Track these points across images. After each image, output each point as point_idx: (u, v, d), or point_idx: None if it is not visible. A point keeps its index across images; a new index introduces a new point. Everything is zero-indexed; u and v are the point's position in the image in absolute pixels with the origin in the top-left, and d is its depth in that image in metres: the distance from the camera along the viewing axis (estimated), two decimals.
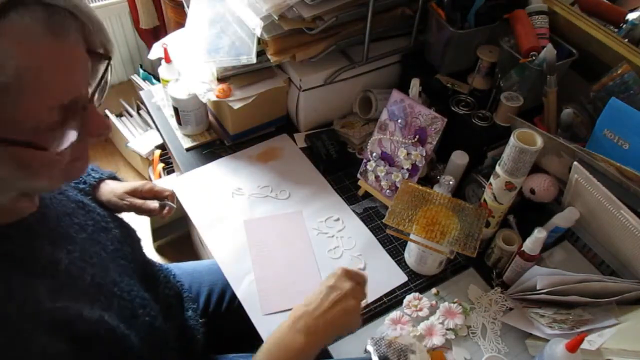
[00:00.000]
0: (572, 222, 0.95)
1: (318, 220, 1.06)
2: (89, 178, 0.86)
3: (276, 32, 1.04)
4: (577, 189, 0.92)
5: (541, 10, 1.06)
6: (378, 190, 1.08)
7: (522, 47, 1.01)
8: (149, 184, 0.92)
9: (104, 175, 0.90)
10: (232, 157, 1.18)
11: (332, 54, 1.15)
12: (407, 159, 1.02)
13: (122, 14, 2.10)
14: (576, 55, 1.03)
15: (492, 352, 0.87)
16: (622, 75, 0.95)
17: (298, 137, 1.23)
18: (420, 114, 0.99)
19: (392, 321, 0.90)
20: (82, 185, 0.83)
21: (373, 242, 1.03)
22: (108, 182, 0.89)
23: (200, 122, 1.20)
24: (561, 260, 1.00)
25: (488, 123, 1.04)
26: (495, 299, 0.94)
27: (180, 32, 1.25)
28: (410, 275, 0.98)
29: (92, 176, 0.87)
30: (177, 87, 1.14)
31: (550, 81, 0.98)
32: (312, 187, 1.13)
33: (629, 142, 0.90)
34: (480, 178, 1.02)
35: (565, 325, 0.83)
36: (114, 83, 2.28)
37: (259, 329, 0.88)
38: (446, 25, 1.07)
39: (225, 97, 1.10)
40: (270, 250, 1.00)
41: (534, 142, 0.83)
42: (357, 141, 1.20)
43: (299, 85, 1.14)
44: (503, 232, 0.96)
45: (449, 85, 1.14)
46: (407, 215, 0.91)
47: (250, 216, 1.06)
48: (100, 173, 0.90)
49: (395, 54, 1.22)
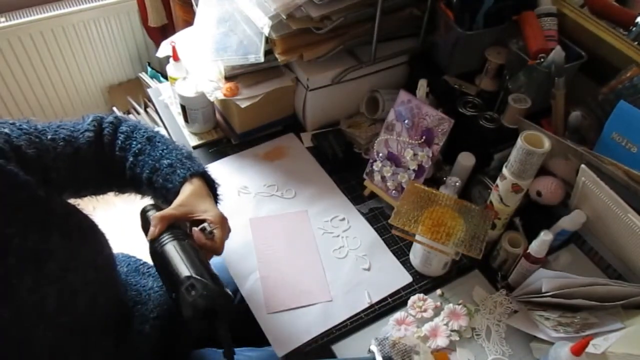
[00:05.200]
0: (579, 225, 0.94)
1: (323, 219, 1.06)
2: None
3: (284, 31, 1.04)
4: (584, 192, 0.92)
5: (550, 12, 1.05)
6: (384, 190, 1.08)
7: (531, 49, 1.00)
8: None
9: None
10: (238, 156, 1.19)
11: (340, 54, 1.15)
12: (414, 159, 1.02)
13: (130, 12, 2.11)
14: (585, 57, 1.02)
15: (497, 355, 0.87)
16: (631, 79, 0.94)
17: (305, 136, 1.24)
18: (427, 115, 0.99)
19: (397, 322, 0.90)
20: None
21: (378, 243, 1.03)
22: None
23: (207, 121, 1.21)
24: (567, 264, 0.99)
25: (495, 125, 1.04)
26: (500, 301, 0.93)
27: (188, 30, 1.25)
28: (415, 276, 0.98)
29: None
30: (184, 85, 1.15)
31: (558, 83, 0.98)
32: (318, 187, 1.13)
33: (637, 146, 0.89)
34: (487, 180, 1.02)
35: (570, 329, 0.83)
36: (122, 81, 2.30)
37: (263, 327, 0.89)
38: (455, 26, 1.07)
39: (232, 95, 1.10)
40: (276, 249, 1.01)
41: (541, 144, 0.83)
42: (363, 141, 1.20)
43: (306, 85, 1.14)
44: (509, 234, 0.96)
45: (457, 87, 1.13)
46: (413, 216, 0.90)
47: (255, 215, 1.06)
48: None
49: (403, 55, 1.22)
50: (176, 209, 0.74)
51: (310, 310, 0.91)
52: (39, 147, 0.72)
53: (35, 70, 2.03)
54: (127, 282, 0.88)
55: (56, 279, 0.65)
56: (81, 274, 0.69)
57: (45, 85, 2.10)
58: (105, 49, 2.17)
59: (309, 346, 0.87)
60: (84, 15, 2.00)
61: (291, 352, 0.86)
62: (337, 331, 0.89)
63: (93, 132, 0.81)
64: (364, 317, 0.91)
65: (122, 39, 2.18)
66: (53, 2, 1.98)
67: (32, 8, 1.95)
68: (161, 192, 0.82)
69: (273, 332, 0.88)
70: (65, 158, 0.76)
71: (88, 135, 0.80)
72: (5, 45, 1.90)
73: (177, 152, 0.83)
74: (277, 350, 0.86)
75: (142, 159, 0.82)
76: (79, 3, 2.00)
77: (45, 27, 1.94)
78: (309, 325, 0.89)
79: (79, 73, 2.15)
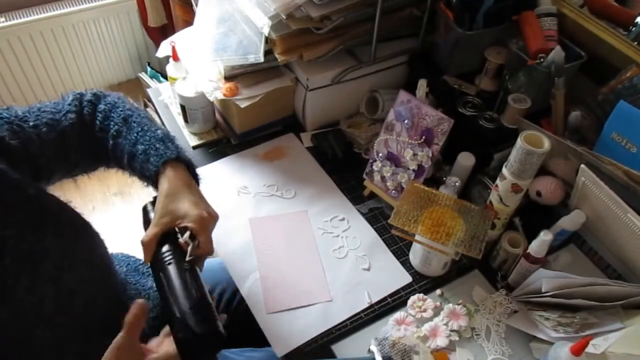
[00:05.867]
0: (579, 225, 0.94)
1: (323, 219, 1.06)
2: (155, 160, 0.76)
3: (284, 31, 1.04)
4: (584, 192, 0.92)
5: (550, 12, 1.05)
6: (384, 190, 1.08)
7: (531, 49, 1.00)
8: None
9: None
10: (238, 156, 1.19)
11: (340, 54, 1.15)
12: (414, 159, 1.02)
13: (130, 12, 2.11)
14: (585, 57, 1.02)
15: (496, 355, 0.87)
16: (631, 79, 0.94)
17: (304, 136, 1.24)
18: (427, 115, 0.99)
19: (396, 322, 0.90)
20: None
21: (378, 243, 1.03)
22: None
23: (207, 121, 1.21)
24: (567, 264, 0.99)
25: (495, 125, 1.04)
26: (499, 301, 0.93)
27: (188, 30, 1.25)
28: (415, 276, 0.98)
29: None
30: (184, 85, 1.15)
31: (558, 83, 0.98)
32: (318, 187, 1.13)
33: (636, 146, 0.89)
34: (487, 180, 1.02)
35: (570, 329, 0.83)
36: (121, 81, 2.30)
37: (263, 327, 0.89)
38: (454, 26, 1.07)
39: (232, 95, 1.10)
40: (275, 249, 1.01)
41: (541, 144, 0.83)
42: (363, 141, 1.20)
43: (306, 85, 1.14)
44: (509, 234, 0.96)
45: (457, 87, 1.13)
46: (413, 216, 0.90)
47: (255, 215, 1.06)
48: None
49: (403, 55, 1.22)
50: (158, 225, 0.72)
51: (310, 310, 0.91)
52: (22, 137, 0.70)
53: (35, 70, 2.03)
54: (126, 281, 0.88)
55: (52, 279, 0.65)
56: (76, 272, 0.69)
57: (45, 85, 2.10)
58: (105, 49, 2.17)
59: (308, 346, 0.87)
60: (84, 15, 2.01)
61: (291, 352, 0.86)
62: (337, 331, 0.89)
63: (75, 113, 0.78)
64: (363, 317, 0.91)
65: (122, 39, 2.18)
66: (53, 2, 1.98)
67: (32, 8, 1.95)
68: (142, 179, 0.81)
69: (273, 332, 0.88)
70: (50, 143, 0.74)
71: (70, 117, 0.77)
72: (5, 45, 1.90)
73: (151, 134, 0.79)
74: (276, 350, 0.85)
75: (119, 142, 0.79)
76: (79, 3, 2.00)
77: (45, 27, 1.94)
78: (309, 325, 0.89)
79: (78, 73, 2.15)
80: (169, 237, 0.73)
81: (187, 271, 0.70)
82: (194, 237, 0.73)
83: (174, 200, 0.73)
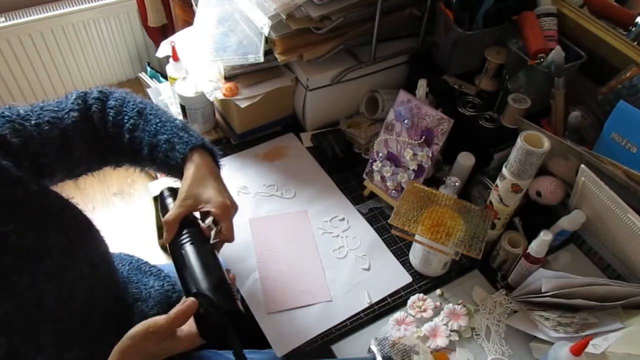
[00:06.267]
0: (579, 225, 0.94)
1: (323, 219, 1.07)
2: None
3: (284, 31, 1.04)
4: (584, 192, 0.92)
5: (550, 12, 1.05)
6: (384, 190, 1.08)
7: (530, 49, 1.00)
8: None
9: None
10: (238, 156, 1.19)
11: (340, 54, 1.15)
12: (413, 159, 1.02)
13: (130, 12, 2.11)
14: (584, 57, 1.02)
15: (496, 355, 0.87)
16: (630, 79, 0.94)
17: (304, 136, 1.24)
18: (427, 115, 0.99)
19: (396, 322, 0.90)
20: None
21: (378, 243, 1.03)
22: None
23: (207, 121, 1.21)
24: (567, 264, 0.99)
25: (495, 125, 1.04)
26: (499, 301, 0.93)
27: (188, 30, 1.25)
28: (415, 276, 0.98)
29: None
30: (184, 85, 1.15)
31: (558, 83, 0.98)
32: (318, 187, 1.13)
33: (636, 146, 0.89)
34: (487, 180, 1.02)
35: (570, 329, 0.83)
36: (121, 81, 2.30)
37: (263, 328, 0.89)
38: (454, 26, 1.07)
39: (232, 95, 1.10)
40: (275, 249, 1.01)
41: (541, 144, 0.83)
42: (363, 141, 1.20)
43: (306, 85, 1.14)
44: (509, 234, 0.96)
45: (456, 87, 1.13)
46: (413, 216, 0.90)
47: (255, 215, 1.06)
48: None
49: (403, 55, 1.22)
50: (182, 206, 0.74)
51: (310, 311, 0.91)
52: (23, 135, 0.70)
53: (35, 70, 2.03)
54: (128, 279, 0.88)
55: (53, 276, 0.65)
56: (78, 270, 0.69)
57: (45, 85, 2.10)
58: (105, 49, 2.17)
59: (308, 346, 0.87)
60: (84, 15, 2.01)
61: (291, 352, 0.86)
62: (336, 331, 0.89)
63: (78, 112, 0.78)
64: (363, 317, 0.91)
65: (121, 39, 2.18)
66: (53, 2, 1.98)
67: (32, 8, 1.95)
68: (163, 169, 0.82)
69: (273, 332, 0.88)
70: (52, 142, 0.74)
71: (73, 115, 0.77)
72: (5, 45, 1.90)
73: (171, 124, 0.81)
74: (276, 350, 0.85)
75: (138, 135, 0.80)
76: (79, 3, 2.00)
77: (45, 27, 1.94)
78: (309, 325, 0.89)
79: (78, 73, 2.15)
80: (188, 221, 0.74)
81: (208, 252, 0.71)
82: (216, 223, 0.75)
83: (200, 185, 0.76)
